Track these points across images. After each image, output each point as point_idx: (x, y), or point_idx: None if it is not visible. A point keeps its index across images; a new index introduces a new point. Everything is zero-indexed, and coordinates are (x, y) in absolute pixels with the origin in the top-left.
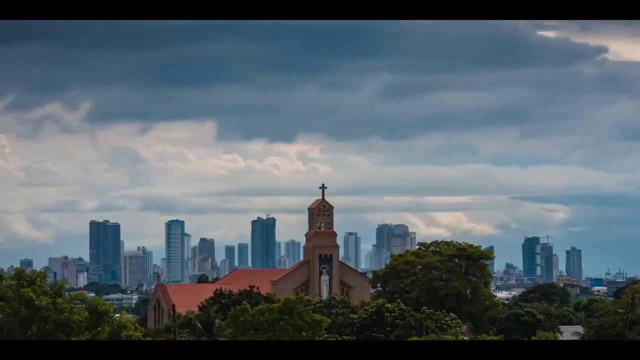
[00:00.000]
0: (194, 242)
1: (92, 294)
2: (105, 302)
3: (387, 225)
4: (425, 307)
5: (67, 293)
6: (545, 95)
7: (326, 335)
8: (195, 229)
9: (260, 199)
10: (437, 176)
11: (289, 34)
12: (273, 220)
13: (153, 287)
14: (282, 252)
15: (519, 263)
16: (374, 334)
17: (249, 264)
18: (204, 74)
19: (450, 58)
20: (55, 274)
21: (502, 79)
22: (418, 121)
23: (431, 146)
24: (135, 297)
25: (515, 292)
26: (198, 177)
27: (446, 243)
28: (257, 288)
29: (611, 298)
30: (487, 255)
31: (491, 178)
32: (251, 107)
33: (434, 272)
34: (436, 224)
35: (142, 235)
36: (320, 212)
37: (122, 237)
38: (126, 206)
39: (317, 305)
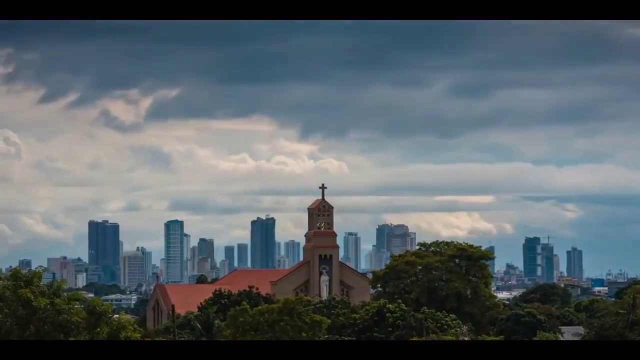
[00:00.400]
0: (194, 242)
1: (91, 295)
2: (104, 303)
3: (387, 225)
4: (426, 308)
5: (65, 293)
6: (617, 94)
7: (326, 336)
8: (224, 229)
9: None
10: (467, 176)
11: (365, 31)
12: (273, 220)
13: (152, 288)
14: (282, 253)
15: (519, 263)
16: (374, 335)
17: (249, 264)
18: (272, 71)
19: (529, 56)
20: (53, 274)
21: (577, 77)
22: (478, 119)
23: (481, 144)
24: (134, 298)
25: (515, 293)
26: (229, 176)
27: (446, 243)
28: (257, 288)
29: (612, 299)
30: (488, 255)
31: (522, 178)
32: (314, 104)
33: (434, 272)
34: (448, 224)
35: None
36: (320, 212)
37: (121, 238)
38: (152, 206)
39: (317, 305)
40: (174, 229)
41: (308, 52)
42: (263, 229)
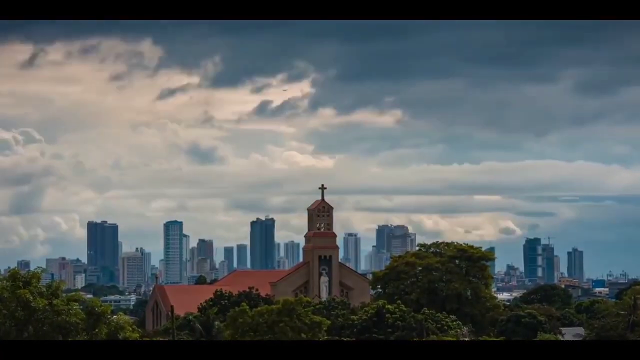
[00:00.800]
0: (193, 243)
1: (90, 295)
2: (103, 304)
3: (387, 226)
4: (426, 309)
5: (63, 294)
6: None
7: (326, 337)
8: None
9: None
10: (527, 175)
11: (500, 28)
12: (272, 221)
13: (151, 289)
14: (282, 253)
15: (520, 264)
16: (374, 336)
17: (248, 265)
18: (403, 68)
19: None
20: (52, 274)
21: None
22: (589, 115)
23: (568, 142)
24: (133, 299)
25: (516, 294)
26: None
27: (447, 244)
28: (256, 289)
29: (613, 299)
30: (488, 256)
31: (583, 177)
32: (434, 100)
33: (434, 273)
34: (463, 225)
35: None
36: (320, 213)
37: (119, 238)
38: (202, 207)
39: (317, 306)
40: (173, 229)
41: (440, 49)
42: (262, 229)
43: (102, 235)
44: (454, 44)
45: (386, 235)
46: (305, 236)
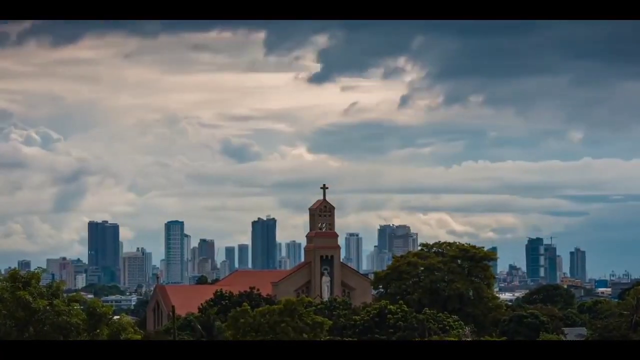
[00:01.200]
0: (194, 243)
1: (91, 296)
2: (105, 304)
3: (389, 226)
4: (428, 309)
5: (64, 294)
6: None
7: (328, 337)
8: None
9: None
10: (577, 175)
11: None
12: (274, 220)
13: (152, 289)
14: (283, 253)
15: (522, 264)
16: (375, 336)
17: (249, 265)
18: (503, 64)
19: None
20: (53, 275)
21: None
22: None
23: (616, 140)
24: (134, 299)
25: (518, 294)
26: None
27: (449, 244)
28: (258, 289)
29: (616, 300)
30: (490, 256)
31: (627, 176)
32: (523, 98)
33: (436, 273)
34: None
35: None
36: (322, 213)
37: (120, 238)
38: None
39: (318, 306)
40: (174, 229)
41: (545, 46)
42: (264, 229)
43: (102, 235)
44: (559, 41)
45: (388, 235)
46: (306, 236)
